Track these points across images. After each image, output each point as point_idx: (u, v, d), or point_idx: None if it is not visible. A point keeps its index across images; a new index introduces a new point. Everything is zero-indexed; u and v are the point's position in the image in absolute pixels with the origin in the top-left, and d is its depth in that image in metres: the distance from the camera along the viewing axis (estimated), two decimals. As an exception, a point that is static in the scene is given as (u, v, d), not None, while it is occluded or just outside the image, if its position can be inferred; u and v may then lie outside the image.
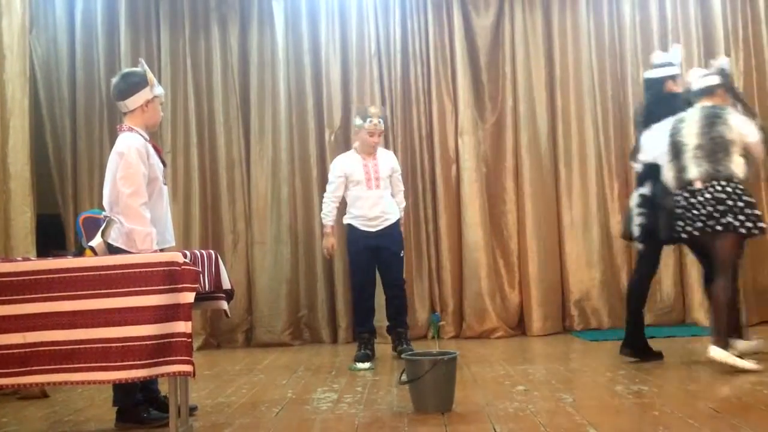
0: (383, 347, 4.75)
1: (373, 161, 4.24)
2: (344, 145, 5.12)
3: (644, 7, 5.23)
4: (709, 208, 3.35)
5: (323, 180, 5.13)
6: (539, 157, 5.13)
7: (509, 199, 5.17)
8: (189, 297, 2.46)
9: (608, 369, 3.59)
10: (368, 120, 4.19)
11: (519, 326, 5.12)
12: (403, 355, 3.10)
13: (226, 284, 2.93)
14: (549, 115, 5.17)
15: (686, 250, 4.32)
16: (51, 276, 2.50)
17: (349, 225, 4.28)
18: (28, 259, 2.79)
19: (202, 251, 2.79)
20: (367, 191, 4.19)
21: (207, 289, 2.73)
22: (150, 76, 2.97)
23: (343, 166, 4.27)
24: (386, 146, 5.10)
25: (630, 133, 5.12)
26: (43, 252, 4.39)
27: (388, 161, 4.29)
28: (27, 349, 2.47)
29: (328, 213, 4.29)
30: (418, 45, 5.20)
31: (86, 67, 5.24)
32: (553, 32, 5.22)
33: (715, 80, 3.59)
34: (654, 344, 3.85)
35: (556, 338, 4.89)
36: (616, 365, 3.67)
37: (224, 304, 2.99)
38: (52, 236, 4.97)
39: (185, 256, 2.53)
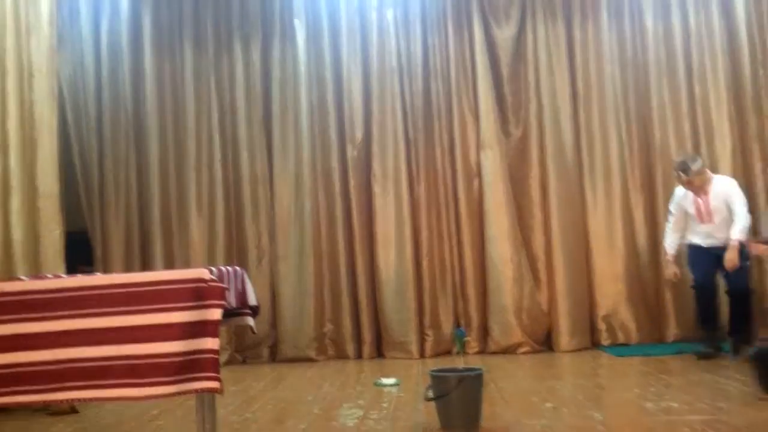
0: (407, 363, 4.74)
1: (704, 196, 4.31)
2: (365, 160, 5.14)
3: (667, 18, 5.19)
4: None
5: (345, 195, 5.17)
6: (565, 169, 5.10)
7: (535, 212, 5.14)
8: (216, 314, 2.46)
9: (637, 385, 3.55)
10: (676, 177, 4.37)
11: (546, 341, 5.07)
12: (429, 372, 3.09)
13: (252, 300, 2.94)
14: (573, 127, 5.14)
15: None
16: (80, 293, 2.52)
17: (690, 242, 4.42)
18: (59, 276, 2.82)
19: (228, 267, 2.80)
20: (699, 225, 4.33)
21: (233, 305, 2.74)
22: None
23: (679, 199, 4.43)
24: (408, 163, 5.12)
25: (654, 144, 5.09)
26: (71, 268, 4.44)
27: (719, 194, 4.30)
28: (57, 366, 2.49)
29: (669, 243, 4.46)
30: (439, 59, 5.21)
31: (112, 86, 5.30)
32: (575, 43, 5.20)
33: None
34: (685, 358, 3.79)
35: (584, 353, 4.83)
36: (645, 381, 3.62)
37: (250, 321, 2.99)
38: (80, 253, 5.02)
39: (211, 272, 2.54)
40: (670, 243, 4.47)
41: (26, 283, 2.59)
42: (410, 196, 5.12)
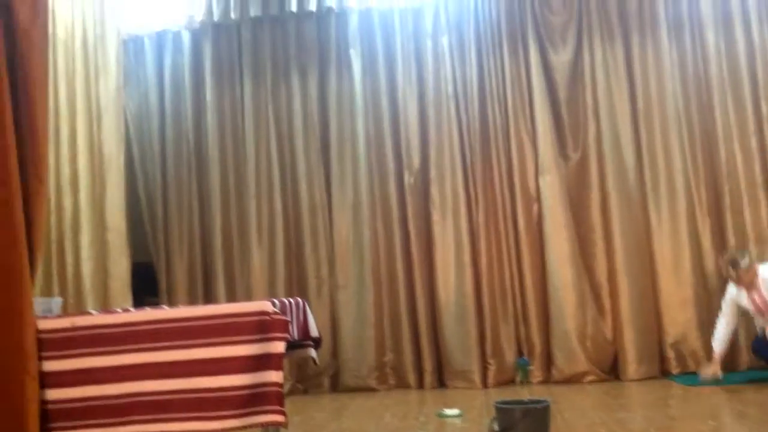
0: (469, 392, 4.67)
1: (756, 291, 4.29)
2: (423, 187, 5.14)
3: (729, 32, 5.04)
4: None
5: (404, 222, 5.17)
6: (627, 191, 4.98)
7: (597, 237, 5.02)
8: (280, 347, 2.48)
9: (711, 416, 3.41)
10: (726, 272, 4.37)
11: (612, 369, 4.92)
12: (493, 403, 3.03)
13: (314, 332, 2.96)
14: (634, 148, 5.02)
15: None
16: (148, 327, 2.58)
17: None
18: (127, 310, 2.89)
19: (290, 299, 2.83)
20: (761, 318, 4.32)
21: (296, 337, 2.76)
22: None
23: (733, 296, 4.39)
24: (466, 188, 5.09)
25: (720, 163, 4.94)
26: (137, 299, 4.57)
27: (766, 280, 4.28)
28: (124, 400, 2.54)
29: (718, 342, 4.39)
30: (495, 83, 5.18)
31: (175, 120, 5.46)
32: (634, 63, 5.10)
33: None
34: (759, 387, 3.63)
35: (652, 382, 4.66)
36: (719, 412, 3.48)
37: (312, 352, 3.01)
38: (145, 284, 5.16)
39: (274, 305, 2.57)
40: (719, 341, 4.37)
41: (97, 318, 2.66)
42: (469, 221, 5.07)
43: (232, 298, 5.12)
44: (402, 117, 5.26)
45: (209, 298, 5.17)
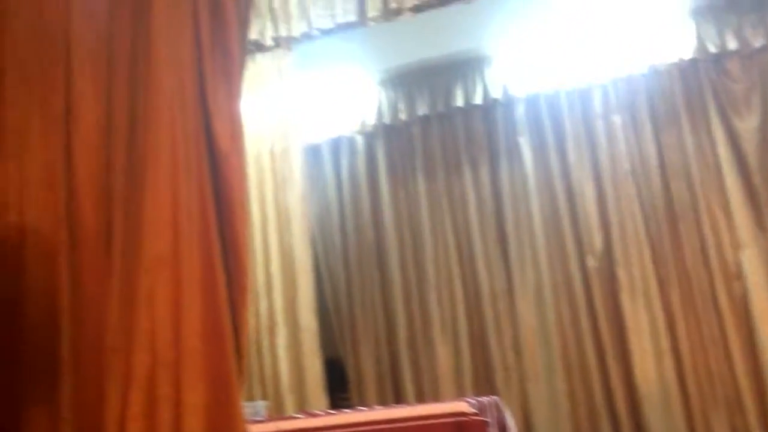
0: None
1: None
2: (608, 269, 4.94)
3: None
4: None
5: (590, 307, 4.97)
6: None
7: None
8: (480, 449, 2.44)
9: None
10: None
11: None
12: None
13: (512, 431, 2.87)
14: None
15: None
16: (348, 430, 2.63)
17: None
18: (328, 413, 2.97)
19: (485, 398, 2.78)
20: None
21: (494, 437, 2.69)
22: None
23: None
24: (656, 268, 4.84)
25: None
26: (329, 395, 4.68)
27: None
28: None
29: None
30: (676, 157, 4.96)
31: (355, 219, 5.71)
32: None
33: None
34: None
35: None
36: None
37: (511, 452, 2.92)
38: (335, 379, 5.29)
39: (471, 404, 2.54)
40: None
41: (300, 421, 2.76)
42: (663, 303, 4.79)
43: (419, 392, 5.13)
44: (578, 198, 5.15)
45: (398, 393, 5.21)
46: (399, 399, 5.22)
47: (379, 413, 2.70)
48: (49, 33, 3.29)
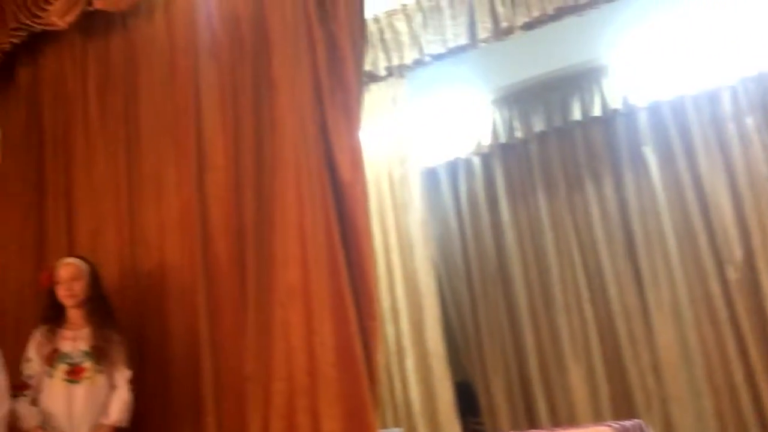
0: None
1: None
2: (752, 280, 4.63)
3: None
4: None
5: (734, 322, 4.66)
6: None
7: None
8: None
9: None
10: None
11: None
12: None
13: (658, 456, 2.74)
14: None
15: None
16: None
17: None
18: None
19: (627, 421, 2.67)
20: None
21: (639, 463, 2.58)
22: None
23: None
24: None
25: None
26: (461, 419, 4.63)
27: None
28: None
29: None
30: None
31: (476, 241, 5.67)
32: None
33: None
34: None
35: None
36: None
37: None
38: (465, 403, 5.24)
39: (613, 428, 2.44)
40: None
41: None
42: (816, 314, 4.45)
43: (553, 416, 4.99)
44: (713, 207, 4.87)
45: (531, 417, 5.09)
46: (532, 424, 5.09)
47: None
48: (180, 85, 3.52)
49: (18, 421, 2.89)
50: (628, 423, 2.62)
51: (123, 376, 3.04)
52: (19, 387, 2.96)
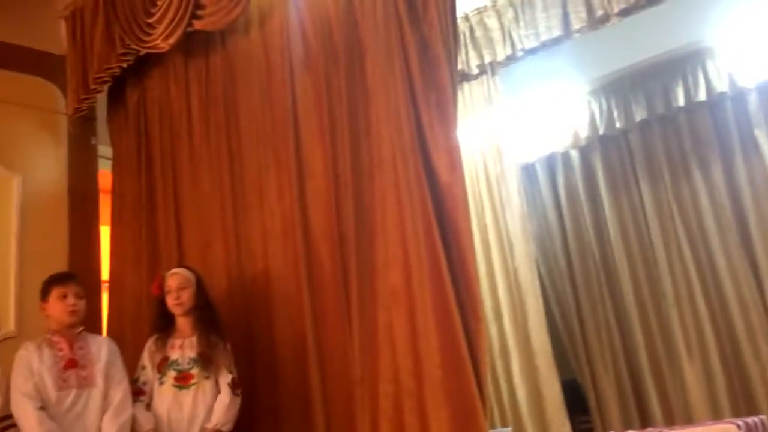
0: None
1: None
2: None
3: None
4: None
5: None
6: None
7: None
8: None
9: None
10: None
11: None
12: None
13: (788, 457, 2.59)
14: None
15: None
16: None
17: None
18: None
19: (750, 418, 2.54)
20: None
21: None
22: None
23: None
24: None
25: None
26: (570, 419, 4.53)
27: None
28: None
29: None
30: None
31: (576, 236, 5.53)
32: None
33: None
34: None
35: None
36: None
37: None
38: (573, 402, 5.11)
39: (739, 427, 2.33)
40: None
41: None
42: None
43: (668, 414, 4.80)
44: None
45: (643, 416, 4.92)
46: (645, 422, 4.91)
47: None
48: (277, 97, 3.61)
49: (135, 424, 3.05)
50: (750, 420, 2.49)
51: (225, 380, 3.15)
52: (135, 393, 3.12)
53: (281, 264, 3.50)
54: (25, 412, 2.85)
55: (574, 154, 5.63)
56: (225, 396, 3.12)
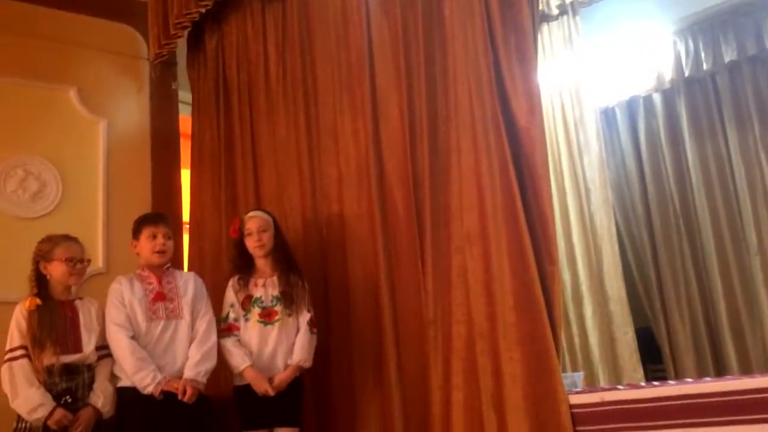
0: None
1: None
2: None
3: None
4: None
5: None
6: None
7: None
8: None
9: None
10: None
11: None
12: None
13: None
14: None
15: None
16: (675, 402, 2.51)
17: None
18: (652, 385, 2.86)
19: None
20: None
21: None
22: None
23: None
24: None
25: None
26: (643, 366, 4.49)
27: None
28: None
29: None
30: None
31: (656, 183, 5.36)
32: None
33: None
34: None
35: None
36: None
37: None
38: (646, 350, 5.06)
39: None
40: None
41: (626, 392, 2.68)
42: None
43: (745, 363, 4.69)
44: None
45: (718, 365, 4.83)
46: (720, 372, 4.82)
47: (715, 385, 2.52)
48: (353, 41, 3.61)
49: (230, 357, 3.18)
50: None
51: (305, 318, 3.25)
52: (227, 329, 3.25)
53: (355, 207, 3.55)
54: (118, 341, 3.03)
55: (657, 98, 5.43)
56: (304, 334, 3.23)
